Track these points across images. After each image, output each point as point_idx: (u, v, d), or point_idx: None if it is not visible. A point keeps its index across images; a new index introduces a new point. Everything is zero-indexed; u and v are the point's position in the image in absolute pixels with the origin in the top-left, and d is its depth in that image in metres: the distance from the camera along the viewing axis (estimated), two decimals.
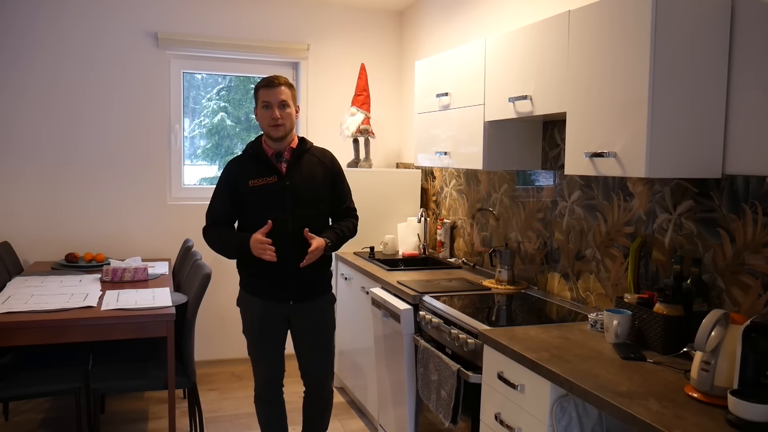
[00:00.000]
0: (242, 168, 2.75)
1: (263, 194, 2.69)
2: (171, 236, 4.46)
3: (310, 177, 2.74)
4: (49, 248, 4.25)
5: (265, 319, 2.78)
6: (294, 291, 2.75)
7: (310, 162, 2.78)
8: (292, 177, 2.71)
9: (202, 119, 4.87)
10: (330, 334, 2.90)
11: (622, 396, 1.68)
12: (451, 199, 4.00)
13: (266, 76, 2.72)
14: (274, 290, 2.74)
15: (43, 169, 4.22)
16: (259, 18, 4.57)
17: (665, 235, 2.32)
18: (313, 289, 2.81)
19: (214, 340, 4.57)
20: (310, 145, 2.83)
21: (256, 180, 2.70)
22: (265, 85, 2.68)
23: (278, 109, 2.65)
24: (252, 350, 2.86)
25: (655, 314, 2.07)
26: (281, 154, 2.74)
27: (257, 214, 2.69)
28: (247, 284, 2.83)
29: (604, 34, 2.10)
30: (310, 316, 2.81)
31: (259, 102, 2.70)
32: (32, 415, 3.76)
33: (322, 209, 2.81)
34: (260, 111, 2.70)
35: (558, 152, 2.92)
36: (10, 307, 2.97)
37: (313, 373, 2.88)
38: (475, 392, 2.37)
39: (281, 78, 2.71)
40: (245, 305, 2.83)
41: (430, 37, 4.37)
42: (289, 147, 2.75)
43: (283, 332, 2.85)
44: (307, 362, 2.87)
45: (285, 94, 2.67)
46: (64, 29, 4.19)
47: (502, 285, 3.11)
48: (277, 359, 2.86)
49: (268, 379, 2.87)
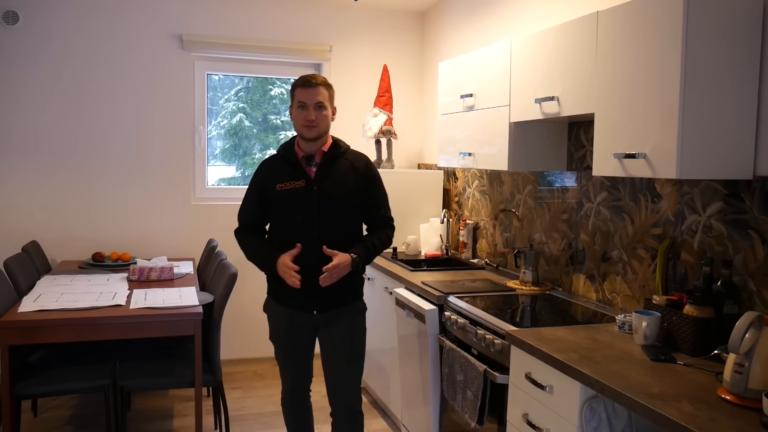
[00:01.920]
0: (272, 170, 2.66)
1: (290, 199, 2.59)
2: (195, 236, 4.51)
3: (340, 183, 2.60)
4: (76, 247, 4.31)
5: (290, 328, 2.68)
6: (319, 300, 2.60)
7: (343, 167, 2.63)
8: (320, 182, 2.58)
9: (220, 120, 4.91)
10: (357, 347, 2.70)
11: (654, 397, 1.67)
12: (474, 200, 4.00)
13: (304, 75, 2.60)
14: (298, 299, 2.61)
15: (70, 170, 4.29)
16: (282, 20, 4.61)
17: (694, 237, 2.30)
18: (339, 299, 2.64)
19: (237, 339, 4.62)
20: (345, 149, 2.68)
21: (284, 183, 2.59)
22: (302, 85, 2.56)
23: (314, 111, 2.54)
24: (278, 357, 2.78)
25: (685, 316, 2.06)
26: (312, 158, 2.62)
27: (283, 219, 2.62)
28: (272, 291, 2.72)
29: (634, 34, 2.09)
30: (336, 326, 2.65)
31: (294, 101, 2.58)
32: (60, 411, 3.82)
33: (352, 217, 2.67)
34: (295, 110, 2.58)
35: (584, 153, 2.91)
36: (41, 306, 3.02)
37: (336, 388, 2.71)
38: (501, 393, 2.37)
39: (319, 78, 2.58)
40: (271, 312, 2.74)
41: (453, 39, 4.37)
42: (321, 150, 2.63)
43: (309, 341, 2.72)
44: (330, 375, 2.71)
45: (322, 95, 2.56)
46: (93, 32, 4.26)
47: (526, 286, 3.11)
48: (302, 368, 2.76)
49: (293, 386, 2.78)
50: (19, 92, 4.16)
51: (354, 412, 2.72)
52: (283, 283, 2.57)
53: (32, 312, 2.95)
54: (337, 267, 2.50)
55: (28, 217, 4.22)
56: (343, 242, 2.58)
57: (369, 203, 2.69)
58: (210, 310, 3.25)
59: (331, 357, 2.69)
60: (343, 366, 2.68)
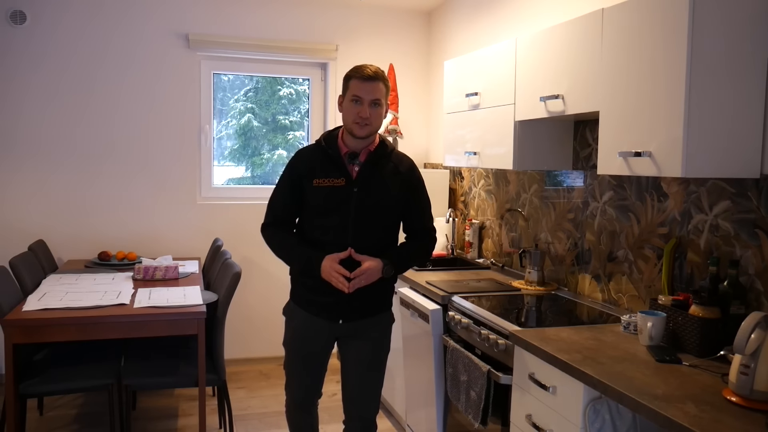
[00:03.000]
0: (310, 162, 2.43)
1: (326, 197, 2.37)
2: (201, 235, 4.52)
3: (382, 186, 2.40)
4: (83, 246, 4.33)
5: (309, 336, 2.48)
6: (346, 309, 2.42)
7: (387, 169, 2.42)
8: (361, 183, 2.37)
9: (229, 120, 4.91)
10: (381, 360, 2.54)
11: (659, 399, 1.65)
12: (480, 199, 3.98)
13: (361, 65, 2.36)
14: (323, 307, 2.42)
15: (76, 169, 4.30)
16: (287, 19, 4.60)
17: (701, 236, 2.28)
18: (367, 309, 2.45)
19: (242, 338, 4.62)
20: (391, 149, 2.48)
21: (322, 179, 2.37)
22: (360, 77, 2.32)
23: (369, 107, 2.31)
24: (289, 365, 2.56)
25: (690, 316, 2.04)
26: (356, 155, 2.40)
27: (316, 218, 2.41)
28: (296, 295, 2.52)
29: (639, 31, 2.07)
30: (361, 338, 2.48)
31: (348, 93, 2.34)
32: (66, 410, 3.83)
33: (390, 224, 2.47)
34: (347, 103, 2.35)
35: (589, 152, 2.88)
36: (45, 304, 3.03)
37: (354, 399, 2.54)
38: (505, 393, 2.36)
39: (379, 71, 2.34)
40: (291, 317, 2.53)
41: (459, 37, 4.35)
42: (367, 149, 2.41)
43: (327, 352, 2.53)
44: (350, 385, 2.54)
45: (380, 91, 2.32)
46: (100, 32, 4.27)
47: (531, 286, 3.08)
48: (314, 381, 2.57)
49: (300, 398, 2.59)
50: (26, 91, 4.17)
51: (369, 423, 2.59)
52: (310, 288, 2.43)
53: (37, 311, 2.95)
54: (366, 272, 2.31)
55: (35, 216, 4.24)
56: (377, 249, 2.39)
57: (411, 211, 2.50)
58: (214, 309, 3.25)
59: (353, 367, 2.52)
60: (364, 377, 2.52)
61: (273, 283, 4.53)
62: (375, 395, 2.56)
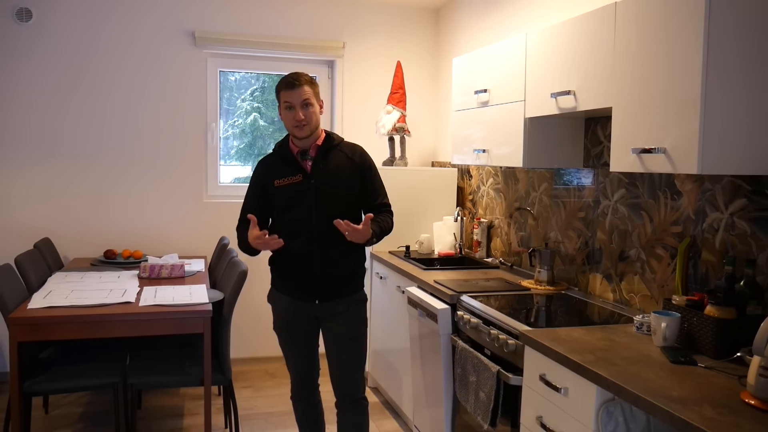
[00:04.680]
0: (269, 168, 2.72)
1: (288, 194, 2.65)
2: (207, 234, 4.49)
3: (335, 174, 2.66)
4: (89, 245, 4.31)
5: (292, 318, 2.74)
6: (320, 290, 2.67)
7: (338, 158, 2.69)
8: (316, 175, 2.64)
9: (235, 120, 4.89)
10: (358, 335, 2.76)
11: (674, 401, 1.61)
12: (488, 198, 3.94)
13: (286, 75, 2.62)
14: (300, 289, 2.69)
15: (82, 167, 4.29)
16: (294, 16, 4.57)
17: (716, 235, 2.23)
18: (340, 288, 2.71)
19: (248, 337, 4.59)
20: (338, 141, 2.73)
21: (282, 180, 2.66)
22: (286, 86, 2.59)
23: (301, 110, 2.57)
24: (282, 348, 2.84)
25: (706, 317, 1.99)
26: (306, 152, 2.67)
27: (283, 214, 2.68)
28: (275, 282, 2.79)
29: (653, 25, 2.02)
30: (338, 316, 2.70)
31: (281, 103, 2.62)
32: (71, 408, 3.81)
33: (350, 207, 2.70)
34: (284, 112, 2.62)
35: (601, 150, 2.84)
36: (51, 302, 3.01)
37: (338, 376, 2.76)
38: (515, 394, 2.31)
39: (302, 77, 2.61)
40: (274, 302, 2.80)
41: (467, 34, 4.31)
42: (314, 144, 2.67)
43: (313, 332, 2.77)
44: (332, 364, 2.76)
45: (307, 93, 2.58)
46: (105, 29, 4.25)
47: (541, 285, 3.04)
48: (307, 359, 2.81)
49: (298, 377, 2.84)
50: (32, 89, 4.16)
51: (356, 399, 2.77)
52: (285, 273, 2.71)
53: (42, 309, 2.93)
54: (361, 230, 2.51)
55: (40, 214, 4.23)
56: (340, 233, 2.56)
57: (367, 192, 2.74)
58: (220, 307, 3.23)
59: (333, 346, 2.75)
60: (344, 354, 2.74)
61: None
62: (359, 370, 2.77)
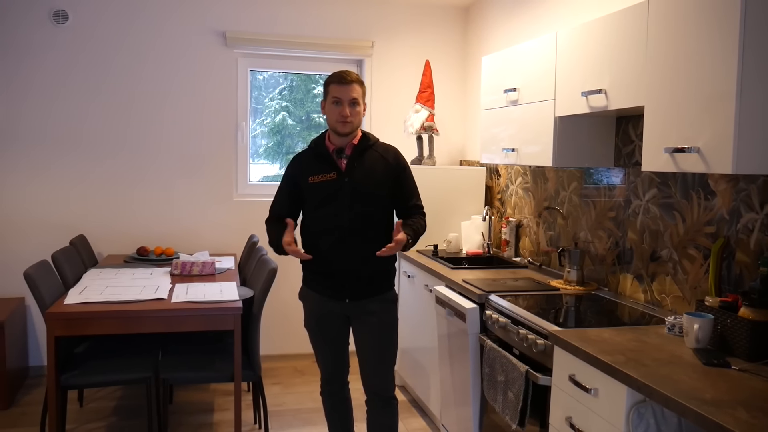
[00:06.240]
0: (304, 164, 2.75)
1: (321, 191, 2.66)
2: (237, 232, 4.55)
3: (370, 173, 2.68)
4: (122, 242, 4.40)
5: (322, 316, 2.76)
6: (350, 289, 2.69)
7: (372, 158, 2.71)
8: (351, 173, 2.66)
9: (264, 119, 4.94)
10: (388, 335, 2.77)
11: (707, 404, 1.59)
12: (517, 197, 3.92)
13: (338, 71, 2.66)
14: (330, 288, 2.71)
15: (117, 166, 4.37)
16: (324, 16, 4.60)
17: (750, 236, 2.19)
18: (371, 288, 2.72)
19: (277, 334, 4.64)
20: (374, 141, 2.76)
21: (316, 176, 2.68)
22: (337, 81, 2.62)
23: (348, 107, 2.60)
24: (313, 344, 2.86)
25: (740, 319, 1.96)
26: (342, 150, 2.69)
27: (316, 211, 2.69)
28: (306, 279, 2.81)
29: (687, 22, 1.99)
30: (368, 315, 2.71)
31: (329, 97, 2.64)
32: (105, 402, 3.89)
33: (382, 207, 2.72)
34: (329, 106, 2.64)
35: (632, 149, 2.81)
36: (86, 298, 3.08)
37: (368, 375, 2.78)
38: (544, 395, 2.30)
39: (353, 74, 2.65)
40: (305, 300, 2.82)
41: (497, 33, 4.29)
42: (351, 143, 2.70)
43: (343, 330, 2.79)
44: (362, 363, 2.78)
45: (356, 91, 2.62)
46: (139, 30, 4.33)
47: (570, 285, 3.02)
48: (337, 356, 2.83)
49: (328, 373, 2.87)
50: (68, 89, 4.25)
51: (388, 398, 2.78)
52: (317, 271, 2.72)
53: (77, 304, 3.00)
54: (398, 244, 2.56)
55: (76, 212, 4.32)
56: (372, 232, 2.65)
57: (400, 193, 2.75)
58: (250, 305, 3.26)
59: (363, 345, 2.76)
60: (374, 353, 2.75)
61: None
62: (389, 369, 2.79)
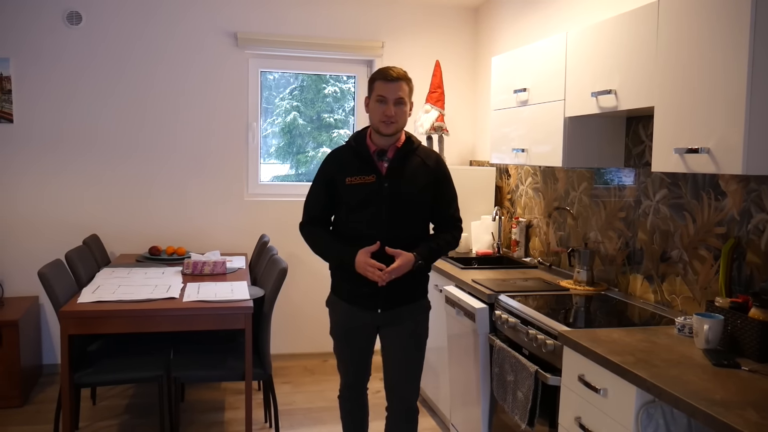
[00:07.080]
0: (341, 162, 2.57)
1: (358, 193, 2.50)
2: (248, 231, 4.58)
3: (410, 180, 2.52)
4: (134, 241, 4.44)
5: (350, 326, 2.64)
6: (383, 299, 2.54)
7: (414, 163, 2.55)
8: (391, 178, 2.50)
9: (274, 118, 4.96)
10: (419, 345, 2.66)
11: (717, 404, 1.59)
12: (527, 197, 3.92)
13: (384, 67, 2.50)
14: (361, 297, 2.56)
15: (130, 166, 4.41)
16: (334, 16, 4.62)
17: (761, 237, 2.19)
18: (404, 297, 2.58)
19: (287, 334, 4.66)
20: (417, 145, 2.59)
21: (354, 177, 2.51)
22: (383, 78, 2.46)
23: (394, 106, 2.45)
24: (337, 352, 2.74)
25: (750, 320, 1.96)
26: (384, 152, 2.53)
27: (350, 214, 2.54)
28: (335, 287, 2.68)
29: (697, 23, 1.99)
30: (400, 326, 2.59)
31: (373, 94, 2.48)
32: (117, 400, 3.93)
33: (420, 215, 2.59)
34: (373, 104, 2.49)
35: (642, 149, 2.80)
36: (99, 297, 3.11)
37: (395, 385, 2.66)
38: (553, 395, 2.31)
39: (400, 71, 2.48)
40: (333, 309, 2.69)
41: (507, 33, 4.29)
42: (394, 145, 2.54)
43: (370, 340, 2.68)
44: (390, 372, 2.66)
45: (403, 90, 2.47)
46: (151, 31, 4.36)
47: (580, 286, 3.02)
48: (360, 366, 2.73)
49: (349, 381, 2.76)
50: (81, 90, 4.29)
51: (411, 410, 2.69)
52: (347, 279, 2.56)
53: (91, 303, 3.04)
54: (399, 268, 2.45)
55: (89, 212, 4.36)
56: (409, 240, 2.52)
57: (438, 202, 2.61)
58: (261, 304, 3.29)
59: (393, 354, 2.64)
60: (404, 364, 2.64)
61: (319, 279, 4.53)
62: (415, 381, 2.68)
